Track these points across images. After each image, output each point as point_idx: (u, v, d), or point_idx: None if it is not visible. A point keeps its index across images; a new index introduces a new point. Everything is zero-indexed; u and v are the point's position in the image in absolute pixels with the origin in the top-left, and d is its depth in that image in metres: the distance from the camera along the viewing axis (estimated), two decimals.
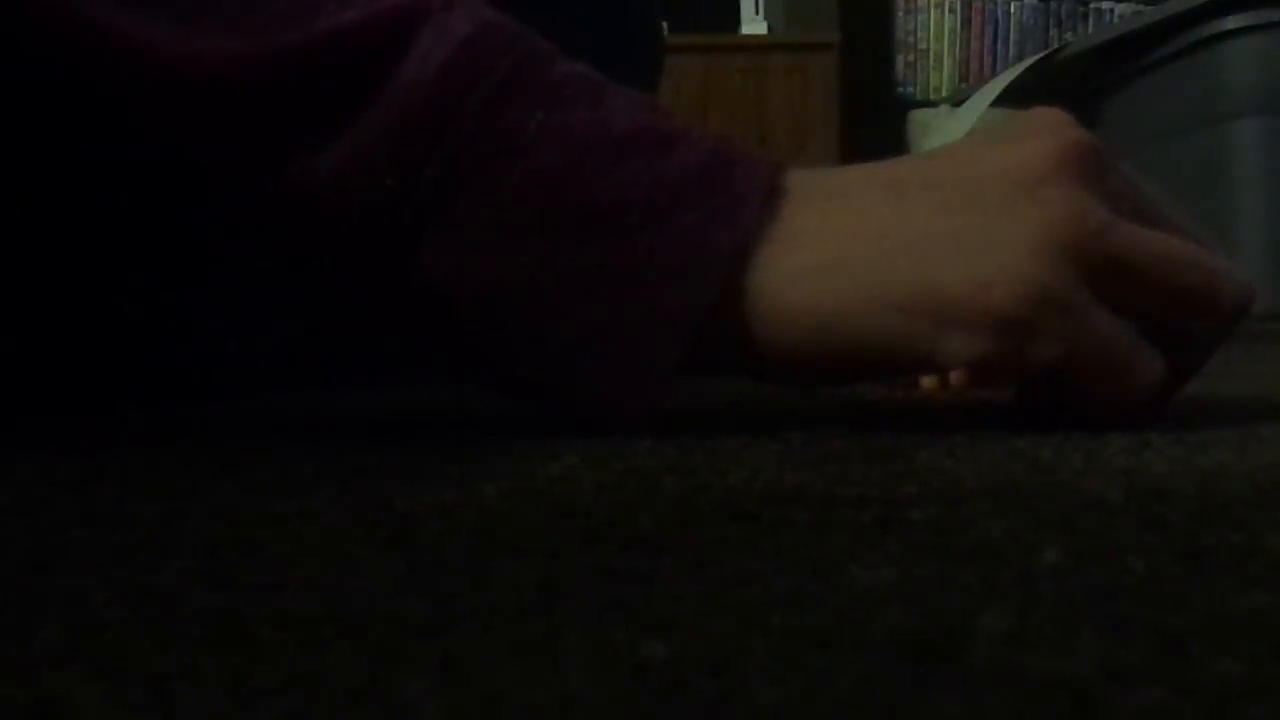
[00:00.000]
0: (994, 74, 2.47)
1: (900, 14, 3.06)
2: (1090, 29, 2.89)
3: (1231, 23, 1.71)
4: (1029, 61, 2.10)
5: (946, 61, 3.06)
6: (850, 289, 0.32)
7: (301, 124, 0.32)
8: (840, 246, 0.32)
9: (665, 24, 1.33)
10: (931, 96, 2.95)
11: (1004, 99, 1.98)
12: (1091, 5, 2.59)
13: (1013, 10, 3.05)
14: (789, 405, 0.46)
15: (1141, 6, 2.28)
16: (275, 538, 0.22)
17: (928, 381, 0.47)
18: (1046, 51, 2.16)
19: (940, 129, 2.14)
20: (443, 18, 0.33)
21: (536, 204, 0.32)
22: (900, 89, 3.04)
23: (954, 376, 0.45)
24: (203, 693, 0.14)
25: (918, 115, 2.36)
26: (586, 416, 0.34)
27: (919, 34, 3.06)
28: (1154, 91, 1.89)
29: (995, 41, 3.05)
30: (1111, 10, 2.71)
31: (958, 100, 2.35)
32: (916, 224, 0.32)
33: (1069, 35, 2.91)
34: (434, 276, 0.33)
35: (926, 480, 0.27)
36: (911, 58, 3.06)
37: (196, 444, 0.38)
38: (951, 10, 3.06)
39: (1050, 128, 0.33)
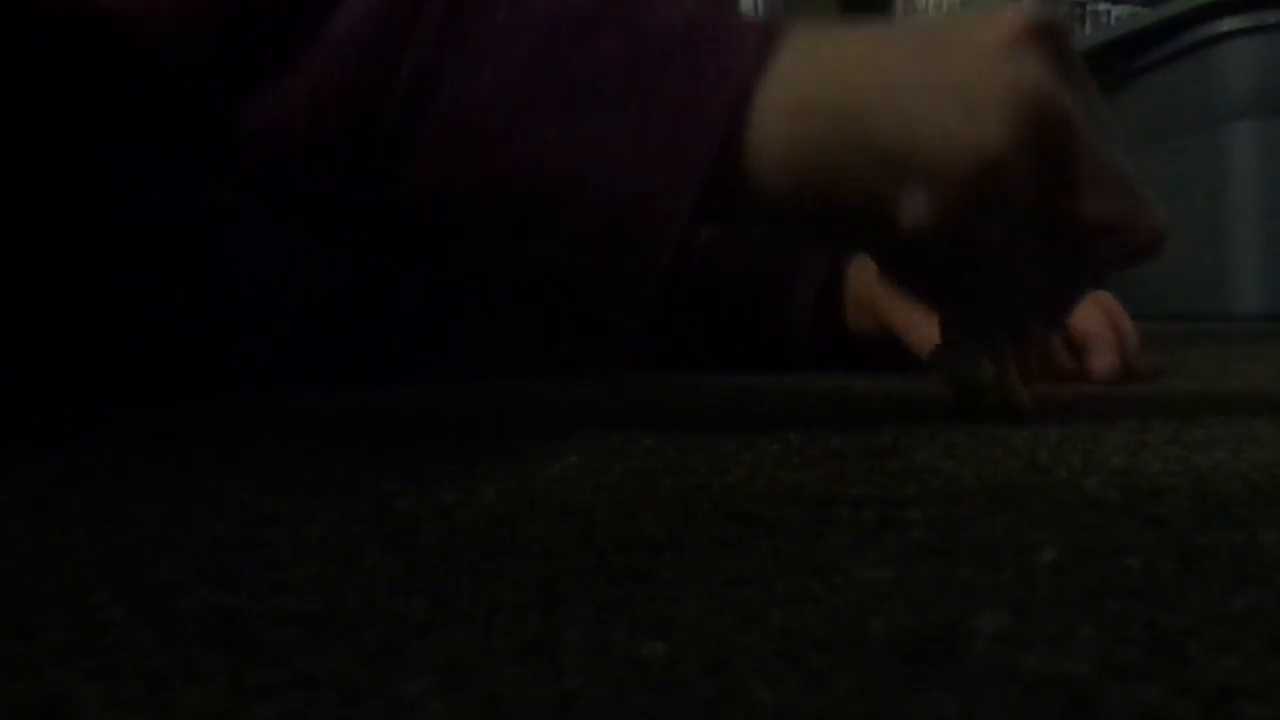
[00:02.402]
0: None
1: (900, 14, 3.06)
2: (1088, 30, 2.89)
3: (1229, 25, 1.72)
4: None
5: None
6: (827, 132, 0.32)
7: (259, 59, 0.32)
8: (819, 85, 0.33)
9: None
10: None
11: None
12: (1089, 7, 2.59)
13: None
14: (789, 405, 0.46)
15: (1139, 8, 2.28)
16: (275, 538, 0.22)
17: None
18: None
19: None
20: None
21: (513, 97, 0.32)
22: None
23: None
24: (203, 692, 0.14)
25: None
26: (591, 323, 0.34)
27: None
28: (1152, 93, 1.89)
29: None
30: (1109, 12, 2.70)
31: None
32: (894, 70, 0.33)
33: None
34: (422, 185, 0.32)
35: (925, 480, 0.27)
36: None
37: (196, 444, 0.38)
38: (951, 11, 3.06)
39: (1020, 10, 0.34)
